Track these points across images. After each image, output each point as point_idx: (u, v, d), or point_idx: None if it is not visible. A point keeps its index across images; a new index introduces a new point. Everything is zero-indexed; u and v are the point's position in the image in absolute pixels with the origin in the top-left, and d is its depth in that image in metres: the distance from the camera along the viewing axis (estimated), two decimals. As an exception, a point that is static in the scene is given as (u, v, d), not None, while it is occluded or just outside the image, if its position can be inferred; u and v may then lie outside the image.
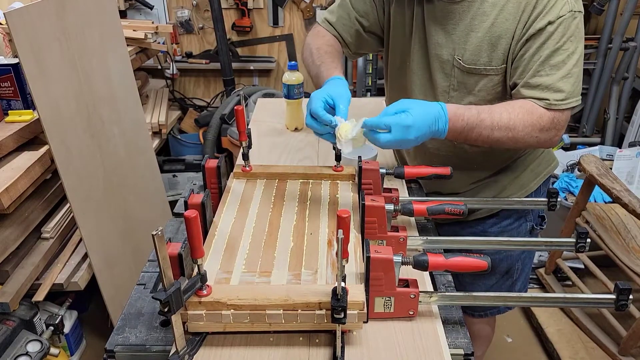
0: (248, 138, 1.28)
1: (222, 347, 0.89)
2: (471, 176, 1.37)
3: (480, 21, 1.13)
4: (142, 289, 1.07)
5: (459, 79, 1.20)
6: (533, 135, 1.12)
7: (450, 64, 1.20)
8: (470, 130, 1.10)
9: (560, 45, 1.08)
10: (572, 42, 1.09)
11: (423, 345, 0.90)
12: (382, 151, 1.51)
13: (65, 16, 1.79)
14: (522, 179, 1.37)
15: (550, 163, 1.42)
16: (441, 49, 1.20)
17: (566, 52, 1.09)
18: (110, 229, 2.01)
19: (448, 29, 1.18)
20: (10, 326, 1.69)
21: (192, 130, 3.47)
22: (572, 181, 2.76)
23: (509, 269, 1.49)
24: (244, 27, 3.48)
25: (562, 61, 1.09)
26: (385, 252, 0.90)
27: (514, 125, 1.10)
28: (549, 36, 1.08)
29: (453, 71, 1.20)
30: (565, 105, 1.11)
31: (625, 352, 2.04)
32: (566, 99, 1.11)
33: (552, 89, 1.10)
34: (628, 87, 3.34)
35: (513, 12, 1.10)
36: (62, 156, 1.72)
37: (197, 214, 0.79)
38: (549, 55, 1.09)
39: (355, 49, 1.41)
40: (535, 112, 1.11)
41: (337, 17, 1.37)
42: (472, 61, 1.16)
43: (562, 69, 1.09)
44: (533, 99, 1.12)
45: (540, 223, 1.47)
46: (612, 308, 0.96)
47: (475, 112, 1.10)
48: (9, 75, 1.76)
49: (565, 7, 1.07)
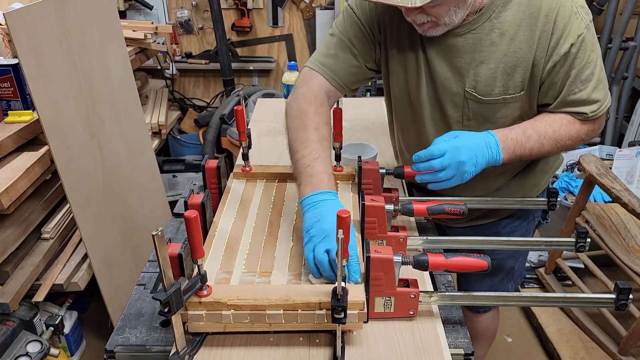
0: (248, 138, 1.28)
1: (222, 347, 0.89)
2: (489, 187, 1.34)
3: (490, 52, 1.10)
4: (142, 289, 1.08)
5: (475, 109, 1.17)
6: (579, 140, 1.17)
7: (460, 96, 1.17)
8: (521, 148, 1.12)
9: (585, 60, 1.08)
10: (594, 51, 1.09)
11: (423, 345, 0.90)
12: (382, 151, 1.51)
13: (65, 17, 1.79)
14: (533, 180, 1.37)
15: (557, 159, 1.42)
16: (449, 82, 1.16)
17: (592, 64, 1.09)
18: (110, 229, 2.01)
19: (454, 62, 1.14)
20: (10, 327, 1.69)
21: (191, 131, 3.47)
22: (572, 181, 2.76)
23: (513, 267, 1.50)
24: (244, 27, 3.48)
25: (590, 73, 1.09)
26: (385, 252, 0.90)
27: (560, 137, 1.14)
28: (574, 57, 1.07)
29: (466, 102, 1.17)
30: (602, 112, 1.14)
31: (626, 352, 2.04)
32: (601, 107, 1.13)
33: (587, 102, 1.12)
34: (628, 86, 3.34)
35: (526, 40, 1.08)
36: (62, 156, 1.72)
37: (197, 214, 0.79)
38: (578, 73, 1.09)
39: (349, 87, 1.27)
40: (575, 123, 1.15)
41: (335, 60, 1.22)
42: (486, 92, 1.14)
43: (592, 80, 1.10)
44: (571, 113, 1.14)
45: (545, 217, 1.48)
46: (612, 308, 0.96)
47: (520, 131, 1.13)
48: (8, 75, 1.76)
49: (581, 25, 1.06)
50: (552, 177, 1.43)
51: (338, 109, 1.30)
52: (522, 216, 1.43)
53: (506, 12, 1.08)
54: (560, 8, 1.05)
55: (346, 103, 1.93)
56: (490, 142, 1.10)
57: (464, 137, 1.10)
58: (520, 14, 1.07)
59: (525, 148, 1.12)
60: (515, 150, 1.12)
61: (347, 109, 1.60)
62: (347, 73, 1.23)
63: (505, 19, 1.08)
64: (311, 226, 0.99)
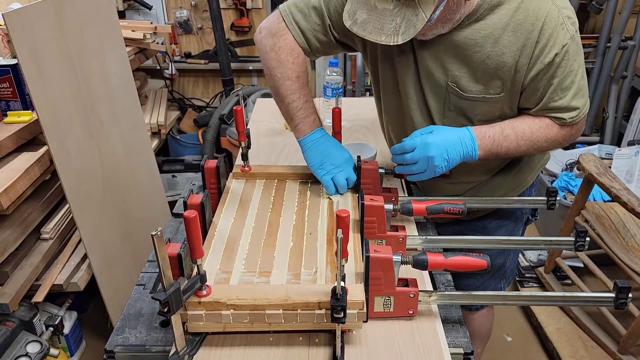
0: (247, 138, 1.28)
1: (221, 347, 0.89)
2: (469, 181, 1.36)
3: (473, 51, 1.11)
4: (141, 289, 1.08)
5: (455, 102, 1.19)
6: (556, 144, 1.20)
7: (443, 88, 1.18)
8: (498, 146, 1.16)
9: (568, 69, 1.10)
10: (576, 60, 1.11)
11: (423, 345, 0.90)
12: (381, 151, 1.51)
13: (64, 17, 1.79)
14: (518, 176, 1.38)
15: (543, 156, 1.43)
16: (432, 74, 1.18)
17: (573, 73, 1.11)
18: (110, 229, 2.01)
19: (439, 56, 1.15)
20: (9, 327, 1.69)
21: (191, 131, 3.46)
22: (571, 180, 2.76)
23: (503, 264, 1.51)
24: (243, 27, 3.48)
25: (571, 81, 1.11)
26: (385, 252, 0.91)
27: (537, 139, 1.17)
28: (557, 66, 1.08)
29: (447, 95, 1.19)
30: (580, 118, 1.17)
31: (625, 351, 2.04)
32: (579, 113, 1.16)
33: (567, 109, 1.14)
34: (627, 85, 3.34)
35: (510, 46, 1.08)
36: (61, 157, 1.72)
37: (196, 214, 0.80)
38: (560, 82, 1.11)
39: (316, 54, 1.31)
40: (554, 126, 1.18)
41: (307, 22, 1.24)
42: (467, 89, 1.15)
43: (572, 89, 1.12)
44: (550, 117, 1.17)
45: (534, 214, 1.49)
46: (611, 307, 0.96)
47: (499, 129, 1.16)
48: (7, 76, 1.76)
49: (566, 35, 1.07)
50: (538, 175, 1.44)
51: (337, 108, 1.30)
52: (507, 212, 1.44)
53: (493, 16, 1.08)
54: (547, 17, 1.06)
55: (345, 103, 1.94)
56: (465, 138, 1.15)
57: (439, 132, 1.15)
58: (507, 18, 1.07)
59: (502, 147, 1.16)
60: (492, 148, 1.16)
61: (346, 108, 1.60)
62: (314, 40, 1.26)
63: (492, 22, 1.08)
64: (323, 161, 1.24)
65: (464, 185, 1.37)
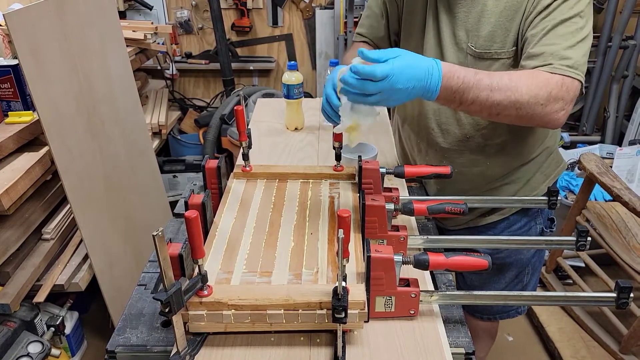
0: (248, 138, 1.28)
1: (223, 347, 0.89)
2: (485, 177, 1.34)
3: (493, 5, 1.12)
4: (143, 289, 1.07)
5: (471, 65, 1.16)
6: (539, 101, 1.00)
7: (464, 52, 1.19)
8: (466, 91, 0.99)
9: (567, 17, 1.02)
10: (582, 17, 1.04)
11: (424, 345, 0.90)
12: (382, 151, 1.51)
13: (65, 17, 1.79)
14: (533, 182, 1.36)
15: (559, 164, 1.41)
16: (454, 37, 1.19)
17: (574, 26, 1.02)
18: (111, 229, 2.01)
19: (460, 17, 1.16)
20: (11, 327, 1.69)
21: (192, 131, 3.47)
22: (572, 179, 2.76)
23: (519, 274, 1.47)
24: (244, 27, 3.48)
25: (569, 33, 1.02)
26: (386, 252, 0.90)
27: (516, 87, 0.99)
28: (555, 8, 1.03)
29: (466, 59, 1.18)
30: (573, 72, 1.01)
31: (626, 351, 2.04)
32: (574, 67, 1.01)
33: (557, 56, 1.02)
34: (628, 85, 3.34)
35: None
36: (62, 157, 1.72)
37: (197, 215, 0.79)
38: (555, 26, 1.03)
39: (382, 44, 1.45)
40: (539, 75, 1.01)
41: (367, 28, 1.44)
42: (484, 47, 1.14)
43: (568, 40, 1.02)
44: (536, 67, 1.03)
45: (550, 225, 1.44)
46: (613, 306, 0.96)
47: (472, 72, 1.00)
48: (8, 76, 1.76)
49: None
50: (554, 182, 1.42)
51: (338, 108, 1.30)
52: (520, 220, 1.41)
53: None
54: None
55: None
56: (432, 71, 0.97)
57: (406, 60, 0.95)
58: None
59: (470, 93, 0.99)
60: (457, 92, 0.99)
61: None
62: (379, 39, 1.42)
63: None
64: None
65: (479, 183, 1.36)
